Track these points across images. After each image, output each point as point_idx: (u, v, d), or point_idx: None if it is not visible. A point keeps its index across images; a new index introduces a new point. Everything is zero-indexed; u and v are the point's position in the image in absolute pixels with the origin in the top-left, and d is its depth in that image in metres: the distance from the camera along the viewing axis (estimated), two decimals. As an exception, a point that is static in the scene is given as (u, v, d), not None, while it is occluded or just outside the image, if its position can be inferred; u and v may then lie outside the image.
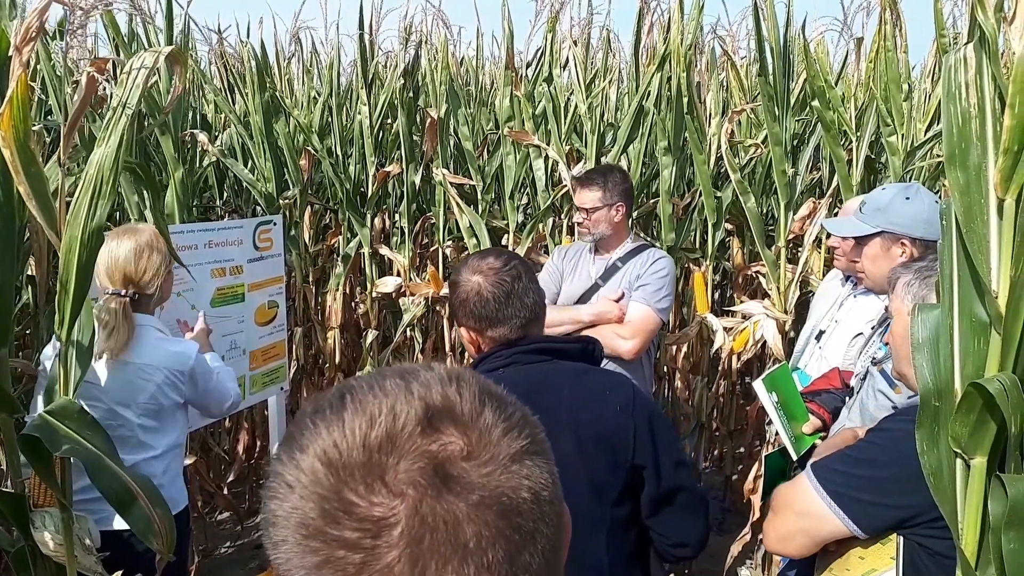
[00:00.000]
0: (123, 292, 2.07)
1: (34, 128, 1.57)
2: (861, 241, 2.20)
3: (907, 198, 2.12)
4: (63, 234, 1.62)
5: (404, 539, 0.46)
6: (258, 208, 4.01)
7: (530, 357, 1.58)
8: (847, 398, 2.12)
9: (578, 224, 2.89)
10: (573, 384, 1.58)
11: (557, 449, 1.62)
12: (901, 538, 1.39)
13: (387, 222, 4.34)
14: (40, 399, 1.90)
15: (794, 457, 2.08)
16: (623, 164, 3.67)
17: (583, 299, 2.82)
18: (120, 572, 1.83)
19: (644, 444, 1.53)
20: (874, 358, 2.02)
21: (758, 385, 2.14)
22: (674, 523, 1.58)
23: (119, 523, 1.92)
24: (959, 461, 1.10)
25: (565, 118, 3.66)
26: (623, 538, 1.56)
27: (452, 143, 4.05)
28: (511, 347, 1.59)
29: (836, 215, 2.87)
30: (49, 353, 2.08)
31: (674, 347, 3.85)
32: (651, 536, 1.60)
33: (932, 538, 1.35)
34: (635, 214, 3.83)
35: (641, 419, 1.55)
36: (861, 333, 2.32)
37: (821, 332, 2.50)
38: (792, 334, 3.29)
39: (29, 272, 2.80)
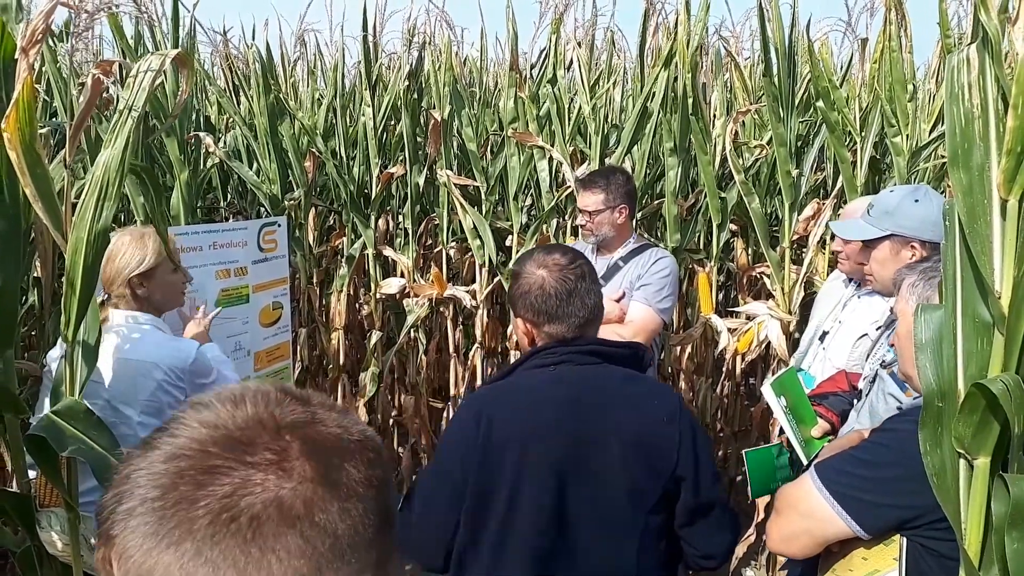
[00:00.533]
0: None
1: (40, 130, 1.57)
2: (869, 244, 2.18)
3: (916, 200, 2.11)
4: (69, 235, 1.63)
5: (305, 451, 0.56)
6: (262, 210, 4.02)
7: (583, 358, 1.59)
8: (855, 401, 2.11)
9: (581, 226, 2.90)
10: (621, 389, 1.60)
11: (602, 452, 1.64)
12: (904, 539, 1.39)
13: (391, 223, 4.35)
14: (47, 400, 1.91)
15: (804, 461, 2.08)
16: (627, 165, 3.67)
17: (586, 299, 2.82)
18: (125, 572, 1.83)
19: (687, 456, 1.55)
20: (883, 361, 2.01)
21: (766, 389, 2.13)
22: (706, 535, 1.60)
23: (124, 523, 1.93)
24: (962, 461, 1.10)
25: (569, 119, 3.66)
26: (655, 546, 1.57)
27: (456, 144, 4.05)
28: (566, 345, 1.60)
29: (839, 216, 2.87)
30: (55, 355, 2.09)
31: (678, 348, 3.85)
32: (681, 545, 1.62)
33: (935, 539, 1.35)
34: (640, 215, 3.83)
35: (686, 431, 1.56)
36: (866, 334, 2.31)
37: (825, 333, 2.49)
38: (796, 335, 3.28)
39: (35, 274, 2.81)
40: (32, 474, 1.83)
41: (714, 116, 3.89)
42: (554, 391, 1.57)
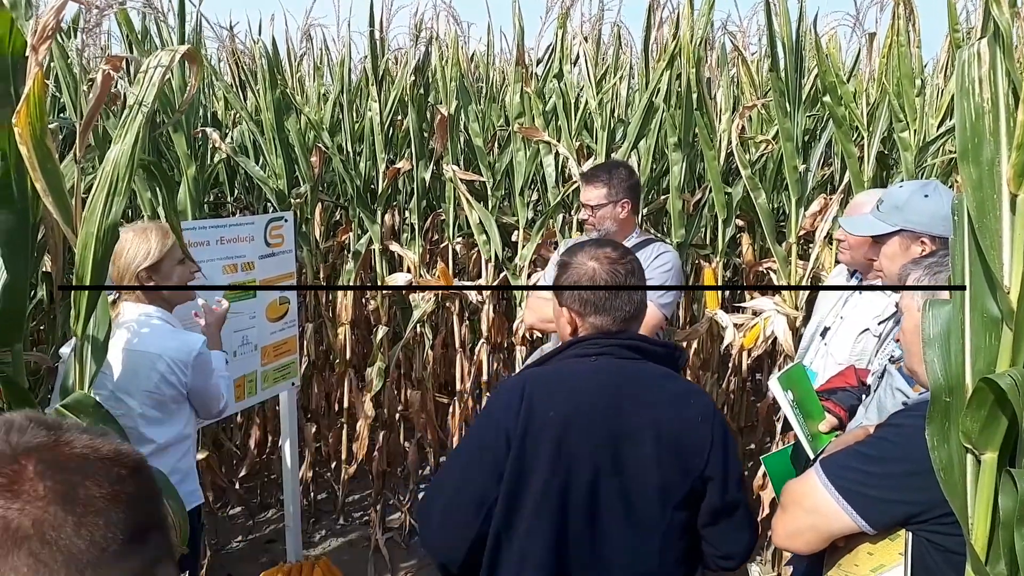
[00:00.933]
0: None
1: (50, 126, 1.58)
2: (879, 239, 2.18)
3: (925, 196, 2.10)
4: (79, 230, 1.64)
5: (40, 472, 0.56)
6: (269, 205, 4.03)
7: (623, 352, 1.60)
8: (863, 396, 2.11)
9: (584, 221, 2.90)
10: (658, 386, 1.61)
11: (636, 446, 1.67)
12: (910, 534, 1.39)
13: (397, 219, 4.35)
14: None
15: (811, 455, 2.08)
16: (633, 160, 3.66)
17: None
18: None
19: (717, 457, 1.56)
20: (892, 356, 2.01)
21: (773, 383, 2.13)
22: (728, 536, 1.62)
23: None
24: (969, 456, 1.10)
25: (575, 114, 3.66)
26: (676, 544, 1.59)
27: (462, 139, 4.06)
28: (609, 337, 1.61)
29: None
30: (68, 349, 2.11)
31: (684, 343, 3.85)
32: (702, 546, 1.63)
33: (941, 534, 1.35)
34: (645, 210, 3.83)
35: (719, 433, 1.58)
36: (867, 329, 2.31)
37: (826, 329, 2.48)
38: (803, 330, 3.28)
39: (44, 268, 2.83)
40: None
41: (720, 111, 3.88)
42: (594, 382, 1.59)
